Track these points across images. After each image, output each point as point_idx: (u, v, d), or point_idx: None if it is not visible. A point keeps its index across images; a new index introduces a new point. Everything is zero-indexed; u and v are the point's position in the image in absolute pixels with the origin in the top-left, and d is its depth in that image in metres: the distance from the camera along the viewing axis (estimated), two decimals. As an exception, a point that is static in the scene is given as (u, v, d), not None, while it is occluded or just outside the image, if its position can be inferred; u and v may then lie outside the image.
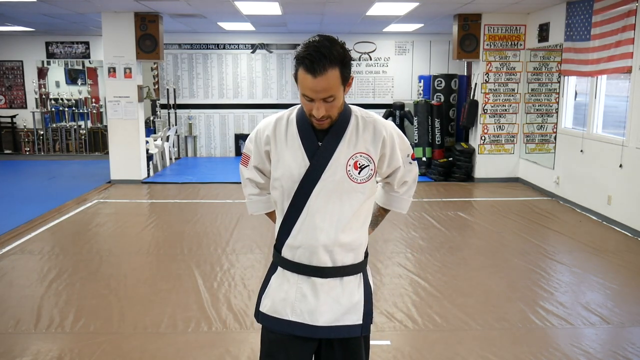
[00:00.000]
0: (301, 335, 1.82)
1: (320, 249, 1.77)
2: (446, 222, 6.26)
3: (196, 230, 5.91)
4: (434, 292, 4.22)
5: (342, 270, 1.82)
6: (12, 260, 4.99)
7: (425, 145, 9.02)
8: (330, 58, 1.63)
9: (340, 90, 1.70)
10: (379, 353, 3.27)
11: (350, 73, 1.73)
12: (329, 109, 1.71)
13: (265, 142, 1.85)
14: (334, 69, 1.64)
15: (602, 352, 3.32)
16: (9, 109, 11.63)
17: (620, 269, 4.80)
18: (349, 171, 1.78)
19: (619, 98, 6.51)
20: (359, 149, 1.79)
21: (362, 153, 1.79)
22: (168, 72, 11.07)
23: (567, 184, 7.16)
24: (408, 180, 1.97)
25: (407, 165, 1.93)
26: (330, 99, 1.68)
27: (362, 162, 1.79)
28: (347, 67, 1.69)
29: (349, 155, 1.78)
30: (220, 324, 3.64)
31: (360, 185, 1.79)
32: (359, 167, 1.78)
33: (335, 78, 1.65)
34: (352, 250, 1.82)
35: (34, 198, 7.57)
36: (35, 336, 3.51)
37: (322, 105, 1.69)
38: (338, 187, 1.77)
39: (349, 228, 1.80)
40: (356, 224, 1.82)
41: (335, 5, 7.51)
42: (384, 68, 11.17)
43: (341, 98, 1.74)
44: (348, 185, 1.78)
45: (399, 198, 2.00)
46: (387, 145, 1.82)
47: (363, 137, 1.80)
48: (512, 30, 8.32)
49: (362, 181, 1.79)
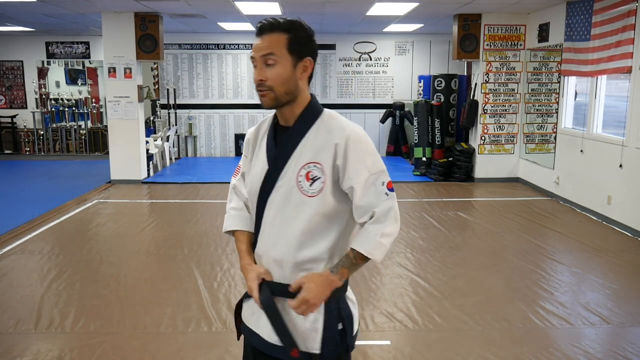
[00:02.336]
0: (257, 347, 1.71)
1: (272, 263, 1.65)
2: (446, 222, 6.26)
3: (196, 230, 5.91)
4: (434, 292, 4.22)
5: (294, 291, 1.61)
6: (12, 260, 4.99)
7: (425, 145, 9.02)
8: (281, 25, 1.57)
9: (285, 57, 1.56)
10: (379, 353, 3.27)
11: (307, 53, 1.60)
12: (269, 76, 1.56)
13: (246, 146, 1.79)
14: (281, 33, 1.56)
15: (602, 352, 3.32)
16: (9, 109, 11.63)
17: (620, 269, 4.80)
18: (299, 182, 1.59)
19: (619, 98, 6.51)
20: (312, 158, 1.59)
21: (315, 163, 1.58)
22: (168, 72, 11.07)
23: (567, 184, 7.15)
24: (376, 212, 1.58)
25: (371, 190, 1.57)
26: (271, 61, 1.55)
27: (315, 173, 1.58)
28: (301, 41, 1.58)
29: (302, 164, 1.59)
30: (220, 324, 3.64)
31: (310, 199, 1.58)
32: (310, 179, 1.58)
33: (279, 41, 1.55)
34: (305, 270, 1.62)
35: (34, 198, 7.58)
36: (35, 336, 3.51)
37: (262, 68, 1.57)
38: (288, 198, 1.61)
39: (299, 246, 1.61)
40: (308, 241, 1.61)
41: (335, 5, 7.51)
42: (384, 68, 11.17)
43: (286, 69, 1.57)
44: (297, 198, 1.59)
45: (366, 233, 1.60)
46: (338, 155, 1.57)
47: (319, 144, 1.60)
48: (512, 30, 8.32)
49: (313, 195, 1.58)
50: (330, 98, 11.10)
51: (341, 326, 1.66)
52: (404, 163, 10.35)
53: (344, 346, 1.67)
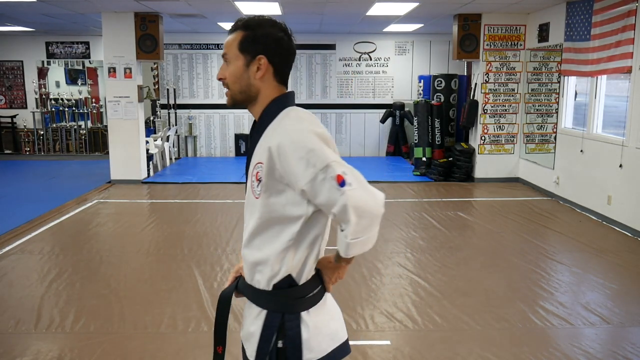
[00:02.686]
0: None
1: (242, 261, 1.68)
2: (446, 222, 6.26)
3: (196, 230, 5.91)
4: (434, 292, 4.22)
5: (256, 293, 1.60)
6: (12, 260, 4.99)
7: (425, 145, 9.02)
8: (240, 24, 1.59)
9: (237, 56, 1.57)
10: (379, 353, 3.27)
11: (260, 51, 1.55)
12: (226, 75, 1.60)
13: None
14: (238, 32, 1.58)
15: (602, 352, 3.32)
16: (9, 109, 11.63)
17: (620, 269, 4.80)
18: (252, 182, 1.56)
19: (619, 98, 6.51)
20: (259, 158, 1.53)
21: (260, 163, 1.52)
22: (168, 72, 11.07)
23: (567, 184, 7.16)
24: (335, 214, 1.44)
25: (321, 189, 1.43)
26: (227, 60, 1.60)
27: (260, 174, 1.52)
28: (253, 39, 1.55)
29: (254, 163, 1.56)
30: (220, 324, 3.63)
31: (256, 201, 1.54)
32: (258, 179, 1.53)
33: (234, 40, 1.58)
34: (259, 272, 1.58)
35: (34, 198, 7.57)
36: (35, 336, 3.51)
37: (223, 67, 1.62)
38: (248, 197, 1.61)
39: (249, 246, 1.59)
40: (257, 244, 1.57)
41: (335, 5, 7.51)
42: (384, 68, 11.17)
43: (238, 68, 1.57)
44: (251, 198, 1.57)
45: (339, 235, 1.48)
46: (275, 159, 1.47)
47: (264, 144, 1.53)
48: (512, 30, 8.32)
49: (257, 197, 1.54)
50: (330, 98, 11.11)
51: (281, 344, 1.55)
52: (404, 163, 10.36)
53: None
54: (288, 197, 1.50)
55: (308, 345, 1.56)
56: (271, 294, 1.57)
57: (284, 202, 1.50)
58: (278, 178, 1.49)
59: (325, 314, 1.63)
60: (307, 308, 1.58)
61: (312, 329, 1.57)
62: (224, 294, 1.70)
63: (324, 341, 1.59)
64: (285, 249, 1.53)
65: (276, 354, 1.55)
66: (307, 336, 1.56)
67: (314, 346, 1.57)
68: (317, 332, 1.58)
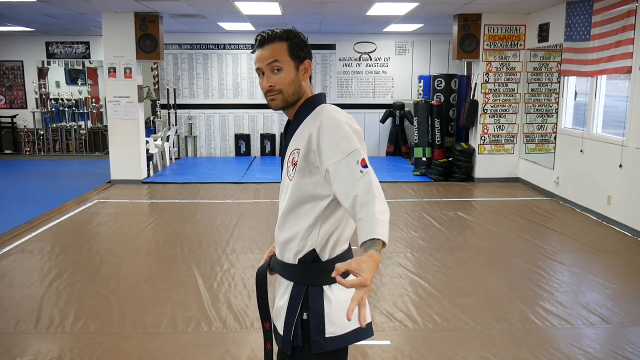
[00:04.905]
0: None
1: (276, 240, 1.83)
2: (446, 222, 6.26)
3: (196, 230, 5.91)
4: (434, 292, 4.22)
5: (284, 266, 1.77)
6: (12, 260, 4.99)
7: (425, 145, 9.02)
8: (279, 35, 1.71)
9: (289, 62, 1.70)
10: (379, 353, 3.27)
11: (306, 56, 1.74)
12: (277, 81, 1.70)
13: None
14: (281, 42, 1.71)
15: (602, 352, 3.32)
16: (9, 109, 11.63)
17: (620, 269, 4.80)
18: (287, 167, 1.75)
19: (619, 98, 6.51)
20: (296, 145, 1.71)
21: (297, 149, 1.71)
22: (168, 72, 11.07)
23: (567, 184, 7.16)
24: (358, 195, 1.49)
25: (345, 170, 1.53)
26: (277, 67, 1.70)
27: (296, 158, 1.70)
28: (299, 46, 1.72)
29: (290, 151, 1.74)
30: (220, 324, 3.64)
31: (290, 183, 1.72)
32: (293, 164, 1.71)
33: (281, 48, 1.70)
34: (288, 250, 1.75)
35: (34, 198, 7.58)
36: (35, 336, 3.51)
37: (270, 75, 1.71)
38: (283, 182, 1.79)
39: (281, 226, 1.77)
40: (288, 222, 1.74)
41: (335, 5, 7.51)
42: (384, 68, 11.17)
43: (291, 73, 1.71)
44: (286, 181, 1.76)
45: (361, 223, 1.48)
46: (312, 140, 1.64)
47: (303, 132, 1.71)
48: (512, 30, 8.32)
49: (291, 178, 1.71)
50: (331, 98, 11.10)
51: (305, 317, 1.68)
52: (404, 163, 10.36)
53: (306, 340, 1.67)
54: (319, 177, 1.65)
55: (330, 318, 1.67)
56: (297, 267, 1.72)
57: (315, 182, 1.67)
58: (312, 160, 1.65)
59: (348, 292, 1.59)
60: (330, 283, 1.68)
61: (334, 303, 1.68)
62: (260, 270, 1.89)
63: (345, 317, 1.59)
64: (312, 225, 1.68)
65: (301, 326, 1.68)
66: (328, 310, 1.67)
67: (335, 320, 1.67)
68: (339, 306, 1.67)
